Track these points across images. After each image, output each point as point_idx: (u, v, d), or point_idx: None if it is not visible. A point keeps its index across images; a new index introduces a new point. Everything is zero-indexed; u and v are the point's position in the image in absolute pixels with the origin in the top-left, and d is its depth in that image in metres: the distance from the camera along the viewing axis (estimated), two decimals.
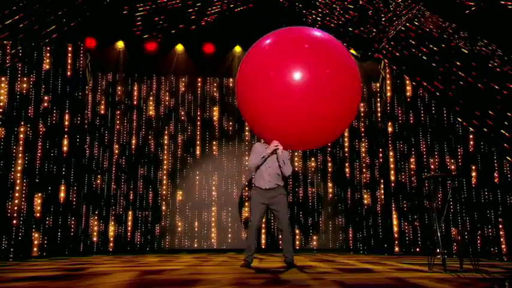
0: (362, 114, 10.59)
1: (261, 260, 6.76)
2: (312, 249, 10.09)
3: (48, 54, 8.82)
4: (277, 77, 4.42)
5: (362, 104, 10.53)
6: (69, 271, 5.02)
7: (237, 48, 10.15)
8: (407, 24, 8.06)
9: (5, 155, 8.25)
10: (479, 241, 8.51)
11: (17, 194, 8.21)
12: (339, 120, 4.78)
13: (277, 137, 4.94)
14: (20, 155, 8.35)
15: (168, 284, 3.66)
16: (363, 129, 10.57)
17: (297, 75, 4.36)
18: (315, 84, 4.39)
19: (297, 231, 10.19)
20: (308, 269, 5.02)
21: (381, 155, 10.07)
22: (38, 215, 8.29)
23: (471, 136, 8.74)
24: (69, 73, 8.94)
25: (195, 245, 9.88)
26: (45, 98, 8.68)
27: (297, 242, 10.16)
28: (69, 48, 9.01)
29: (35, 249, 8.21)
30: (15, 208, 8.15)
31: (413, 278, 4.08)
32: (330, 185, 10.49)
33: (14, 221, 8.11)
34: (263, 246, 10.00)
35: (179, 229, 9.93)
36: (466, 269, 4.94)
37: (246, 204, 10.01)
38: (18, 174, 8.28)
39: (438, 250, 5.09)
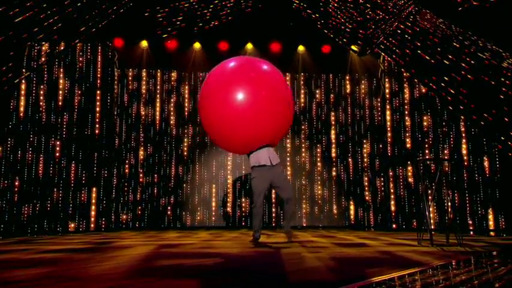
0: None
1: (269, 236, 6.79)
2: (318, 226, 10.08)
3: (80, 52, 9.07)
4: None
5: (363, 92, 10.41)
6: (97, 244, 5.12)
7: (249, 45, 10.09)
8: (404, 21, 7.91)
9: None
10: (469, 218, 8.35)
11: (56, 166, 8.48)
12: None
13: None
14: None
15: (180, 257, 3.71)
16: (367, 112, 10.38)
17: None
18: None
19: (303, 210, 10.19)
20: (308, 244, 5.04)
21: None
22: (73, 188, 8.60)
23: (462, 117, 8.49)
24: (99, 66, 9.23)
25: (213, 223, 9.95)
26: (79, 79, 9.03)
27: (304, 220, 10.17)
28: (99, 47, 9.28)
29: (72, 225, 8.45)
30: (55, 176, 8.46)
31: (402, 252, 4.07)
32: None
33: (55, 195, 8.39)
34: (273, 224, 10.02)
35: (199, 207, 10.00)
36: (451, 243, 4.90)
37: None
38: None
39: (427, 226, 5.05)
